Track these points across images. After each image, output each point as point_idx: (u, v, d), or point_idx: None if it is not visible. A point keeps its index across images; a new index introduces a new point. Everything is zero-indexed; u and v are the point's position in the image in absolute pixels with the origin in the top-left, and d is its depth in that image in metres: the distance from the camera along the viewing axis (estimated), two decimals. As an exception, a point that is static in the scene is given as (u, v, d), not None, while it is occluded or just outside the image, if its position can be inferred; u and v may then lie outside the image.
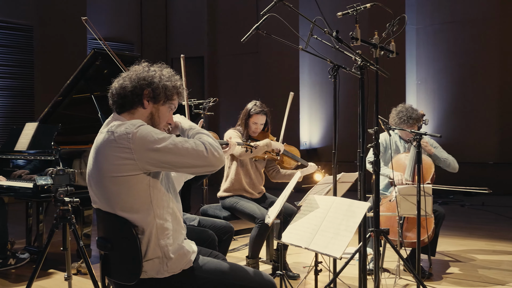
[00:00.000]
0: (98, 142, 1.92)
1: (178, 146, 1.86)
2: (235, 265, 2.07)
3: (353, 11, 2.85)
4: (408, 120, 4.07)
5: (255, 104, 3.90)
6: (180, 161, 1.87)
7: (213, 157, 1.91)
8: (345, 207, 2.49)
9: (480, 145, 8.96)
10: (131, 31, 10.61)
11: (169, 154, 1.85)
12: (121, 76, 2.04)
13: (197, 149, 1.89)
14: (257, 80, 10.53)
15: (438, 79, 9.41)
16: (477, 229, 5.81)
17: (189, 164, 1.89)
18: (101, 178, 1.88)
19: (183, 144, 1.88)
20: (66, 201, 2.92)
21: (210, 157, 1.90)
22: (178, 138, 1.90)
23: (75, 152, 4.20)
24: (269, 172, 4.05)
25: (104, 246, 1.93)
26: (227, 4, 10.98)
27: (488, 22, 8.87)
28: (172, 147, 1.85)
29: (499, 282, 3.75)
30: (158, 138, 1.85)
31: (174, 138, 1.89)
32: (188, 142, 1.90)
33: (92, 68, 4.52)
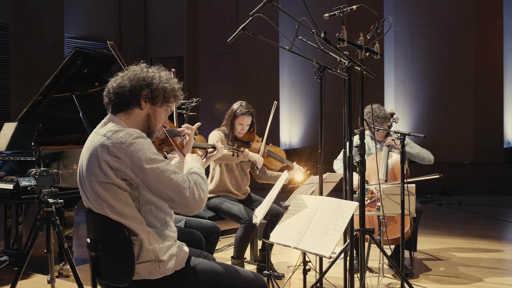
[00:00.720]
0: (93, 143, 1.89)
1: (164, 174, 1.81)
2: (226, 265, 2.07)
3: (340, 13, 2.87)
4: (375, 119, 4.14)
5: (240, 105, 3.88)
6: (160, 190, 1.82)
7: (192, 199, 1.84)
8: (333, 206, 2.51)
9: (456, 145, 9.15)
10: (109, 30, 10.48)
11: (152, 178, 1.80)
12: (118, 75, 2.02)
13: (181, 184, 1.83)
14: (237, 80, 10.53)
15: (415, 80, 9.57)
16: (455, 227, 5.93)
17: (167, 196, 1.83)
18: (91, 180, 1.86)
19: (170, 174, 1.83)
20: (50, 203, 2.87)
21: (190, 198, 1.83)
22: (169, 166, 1.85)
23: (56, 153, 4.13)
24: (255, 172, 4.06)
25: (95, 248, 1.90)
26: (206, 4, 10.95)
27: (464, 24, 9.06)
28: (158, 172, 1.81)
29: (479, 279, 3.83)
30: (149, 158, 1.82)
31: (165, 165, 1.84)
32: (177, 174, 1.85)
33: (73, 68, 4.45)
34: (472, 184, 8.85)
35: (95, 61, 4.64)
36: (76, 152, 4.15)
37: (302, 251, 2.50)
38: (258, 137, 3.98)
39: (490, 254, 4.62)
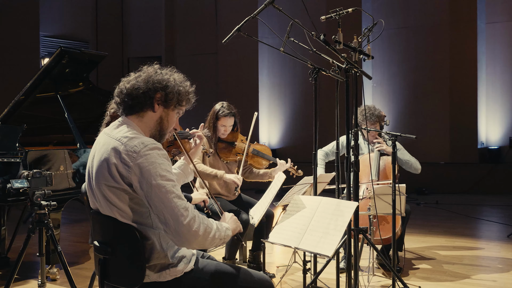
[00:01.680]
0: (105, 146, 1.86)
1: (168, 195, 1.76)
2: (234, 266, 2.08)
3: (336, 15, 2.91)
4: (371, 116, 4.21)
5: (222, 106, 3.83)
6: (159, 209, 1.76)
7: (187, 229, 1.75)
8: (333, 206, 2.54)
9: (432, 146, 9.35)
10: (86, 29, 10.32)
11: (156, 196, 1.75)
12: (131, 76, 1.98)
13: (180, 211, 1.76)
14: (216, 81, 10.51)
15: (392, 82, 9.74)
16: (435, 226, 6.06)
17: (163, 217, 1.76)
18: (101, 184, 1.84)
19: (174, 197, 1.77)
20: (43, 205, 2.82)
21: (185, 227, 1.75)
22: (176, 189, 1.79)
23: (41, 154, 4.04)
24: (243, 172, 4.05)
25: (104, 250, 1.88)
26: (185, 3, 10.89)
27: (439, 28, 9.28)
28: (163, 191, 1.75)
29: (464, 276, 3.93)
30: (159, 174, 1.77)
31: (173, 186, 1.79)
32: (181, 200, 1.79)
33: (58, 67, 4.37)
34: (448, 183, 9.06)
35: (80, 60, 4.57)
36: (60, 154, 4.07)
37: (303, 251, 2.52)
38: (243, 136, 3.95)
39: (471, 252, 4.74)
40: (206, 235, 1.80)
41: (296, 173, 3.93)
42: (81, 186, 3.96)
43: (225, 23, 10.13)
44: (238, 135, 3.94)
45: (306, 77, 3.08)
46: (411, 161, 4.32)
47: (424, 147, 9.40)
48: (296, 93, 9.97)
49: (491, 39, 9.28)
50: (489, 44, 9.29)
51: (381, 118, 4.35)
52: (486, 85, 9.37)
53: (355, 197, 3.04)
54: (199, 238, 1.78)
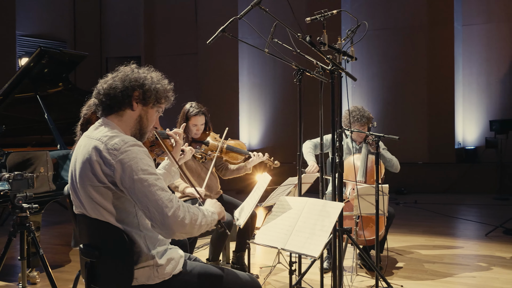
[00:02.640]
0: (86, 147, 1.84)
1: (151, 188, 1.76)
2: (221, 268, 2.07)
3: (321, 17, 2.93)
4: (361, 118, 4.25)
5: (191, 106, 3.81)
6: (143, 203, 1.76)
7: (173, 220, 1.75)
8: (318, 207, 2.55)
9: (411, 146, 9.48)
10: (64, 28, 10.16)
11: (139, 190, 1.75)
12: (108, 76, 1.97)
13: (165, 203, 1.76)
14: (196, 81, 10.47)
15: (372, 83, 9.85)
16: (415, 225, 6.14)
17: (148, 212, 1.76)
18: (86, 185, 1.81)
19: (157, 189, 1.77)
20: (24, 208, 2.76)
21: (170, 218, 1.75)
22: (158, 182, 1.79)
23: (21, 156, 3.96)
24: (219, 171, 4.04)
25: (91, 253, 1.85)
26: (164, 3, 10.81)
27: (417, 29, 9.43)
28: (146, 184, 1.75)
29: (444, 274, 4.00)
30: (141, 169, 1.77)
31: (155, 180, 1.79)
32: (164, 192, 1.79)
33: (38, 67, 4.30)
34: (426, 183, 9.21)
35: (59, 60, 4.50)
36: (41, 155, 4.00)
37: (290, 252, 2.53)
38: (215, 134, 3.93)
39: (451, 251, 4.82)
40: (193, 223, 1.81)
41: (273, 164, 3.93)
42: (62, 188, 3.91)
43: (205, 23, 10.10)
44: (211, 133, 3.92)
45: (287, 78, 3.10)
46: (393, 160, 4.38)
47: (403, 147, 9.50)
48: (276, 93, 10.00)
49: (467, 41, 9.46)
50: (466, 46, 9.47)
51: (370, 119, 4.39)
52: (462, 86, 9.55)
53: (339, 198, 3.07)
54: (187, 227, 1.79)
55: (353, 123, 4.26)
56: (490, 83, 9.31)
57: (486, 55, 9.31)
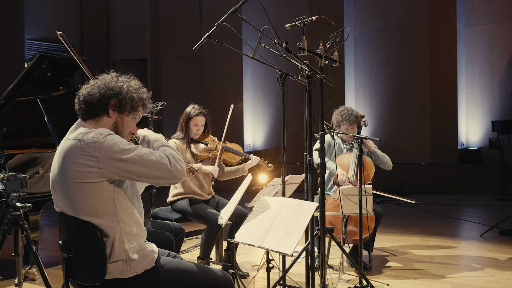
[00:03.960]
0: (64, 148, 1.97)
1: (143, 157, 1.95)
2: (195, 264, 2.19)
3: (300, 23, 3.03)
4: (349, 116, 4.33)
5: (193, 107, 4.01)
6: (144, 172, 1.95)
7: (176, 170, 2.00)
8: (295, 207, 2.66)
9: (414, 147, 9.53)
10: (71, 32, 10.37)
11: (134, 165, 1.93)
12: (89, 83, 2.10)
13: (161, 161, 1.97)
14: (200, 83, 10.61)
15: (374, 84, 9.90)
16: (411, 226, 6.21)
17: (153, 175, 1.97)
18: (66, 183, 1.93)
19: (148, 156, 1.96)
20: (18, 207, 2.90)
21: (173, 170, 1.99)
22: (144, 150, 1.98)
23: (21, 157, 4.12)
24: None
25: (68, 249, 1.98)
26: (169, 6, 10.98)
27: (419, 30, 9.46)
28: (137, 158, 1.93)
29: (433, 274, 4.07)
30: (124, 149, 1.93)
31: (140, 150, 1.97)
32: (153, 154, 1.99)
33: (38, 71, 4.45)
34: (429, 184, 9.23)
35: (59, 65, 4.65)
36: (42, 156, 4.16)
37: (266, 250, 2.64)
38: (213, 137, 4.09)
39: (443, 251, 4.88)
40: (181, 161, 2.06)
41: (267, 167, 4.06)
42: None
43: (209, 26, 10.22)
44: (209, 135, 4.07)
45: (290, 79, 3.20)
46: (385, 157, 4.46)
47: (405, 148, 9.58)
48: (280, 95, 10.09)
49: (470, 42, 9.47)
50: (469, 46, 9.48)
51: (359, 118, 4.46)
52: (466, 87, 9.56)
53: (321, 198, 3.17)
54: (183, 167, 2.05)
55: (341, 121, 4.34)
56: (493, 83, 9.31)
57: (488, 56, 9.31)
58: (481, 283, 3.83)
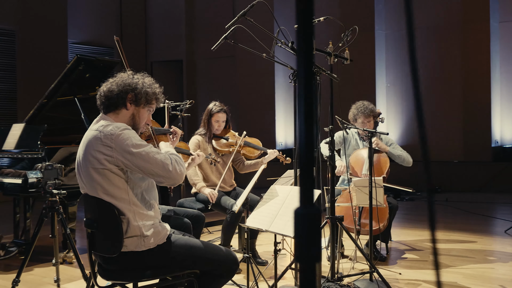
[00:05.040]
0: (87, 137, 2.27)
1: (149, 155, 2.22)
2: (202, 241, 2.45)
3: (309, 24, 3.23)
4: (365, 110, 4.47)
5: (215, 104, 4.27)
6: (148, 168, 2.22)
7: (175, 172, 2.26)
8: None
9: (446, 144, 9.48)
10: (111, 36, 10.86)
11: (140, 159, 2.19)
12: (108, 81, 2.40)
13: (164, 161, 2.24)
14: (234, 83, 10.91)
15: (406, 82, 9.91)
16: (436, 222, 6.26)
17: (154, 172, 2.23)
18: (88, 168, 2.24)
19: (154, 154, 2.24)
20: (54, 193, 3.25)
21: (173, 171, 2.25)
22: (153, 149, 2.26)
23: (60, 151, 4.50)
24: (236, 165, 4.42)
25: (91, 225, 2.28)
26: (204, 8, 11.34)
27: (452, 27, 9.42)
28: (144, 154, 2.20)
29: (446, 266, 4.18)
30: (136, 144, 2.21)
31: (149, 148, 2.24)
32: (159, 154, 2.26)
33: (75, 73, 4.83)
34: (461, 182, 9.17)
35: (95, 66, 5.02)
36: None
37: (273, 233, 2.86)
38: (234, 132, 4.33)
39: (462, 245, 4.96)
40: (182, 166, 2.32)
41: (285, 160, 4.27)
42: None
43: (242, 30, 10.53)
44: (230, 131, 4.32)
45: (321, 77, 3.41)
46: (403, 155, 4.58)
47: (438, 145, 9.55)
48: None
49: (505, 38, 9.34)
50: (503, 43, 9.36)
51: (375, 113, 4.59)
52: (500, 83, 9.44)
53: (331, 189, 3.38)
54: (183, 171, 2.32)
55: (357, 115, 4.49)
56: (529, 80, 9.17)
57: (523, 52, 9.17)
58: (492, 274, 3.92)
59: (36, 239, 3.33)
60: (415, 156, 4.64)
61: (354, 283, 3.52)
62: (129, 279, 2.29)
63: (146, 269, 2.27)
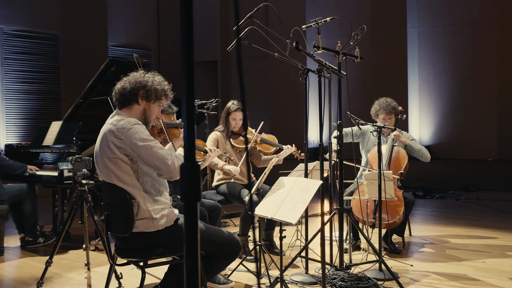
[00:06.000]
0: (104, 130, 2.56)
1: (153, 149, 2.47)
2: (209, 225, 2.68)
3: (315, 24, 3.42)
4: (387, 106, 4.59)
5: (232, 103, 4.51)
6: (150, 160, 2.47)
7: (173, 167, 2.47)
8: (303, 185, 3.07)
9: (480, 142, 9.36)
10: (149, 38, 11.33)
11: (144, 152, 2.45)
12: (122, 80, 2.67)
13: (165, 156, 2.47)
14: (267, 83, 11.13)
15: (439, 79, 9.85)
16: (461, 218, 6.27)
17: (155, 165, 2.47)
18: (103, 157, 2.51)
19: (157, 149, 2.48)
20: (83, 183, 3.56)
21: (171, 166, 2.46)
22: (157, 144, 2.51)
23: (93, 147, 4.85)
24: (254, 159, 4.64)
25: (107, 208, 2.56)
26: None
27: (486, 24, 9.28)
28: (149, 148, 2.46)
29: (460, 259, 4.24)
30: (143, 138, 2.47)
31: (155, 143, 2.50)
32: (163, 149, 2.51)
33: (108, 74, 5.17)
34: (495, 180, 9.03)
35: (126, 67, 5.35)
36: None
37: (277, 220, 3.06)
38: (251, 129, 4.54)
39: (482, 240, 4.98)
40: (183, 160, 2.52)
41: (300, 156, 4.45)
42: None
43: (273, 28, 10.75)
44: (248, 128, 4.53)
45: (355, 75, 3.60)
46: (422, 150, 4.67)
47: (472, 144, 9.44)
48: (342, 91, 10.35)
49: (542, 34, 9.14)
50: (541, 39, 9.15)
51: (397, 110, 4.69)
52: (537, 80, 9.24)
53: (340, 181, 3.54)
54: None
55: (379, 111, 4.61)
56: None
57: (561, 48, 8.94)
58: (505, 268, 3.96)
59: (67, 224, 3.66)
60: (449, 154, 4.71)
61: (364, 272, 3.67)
62: (140, 257, 2.55)
63: (154, 248, 2.53)
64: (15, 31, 9.12)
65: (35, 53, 9.37)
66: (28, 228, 4.83)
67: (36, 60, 9.38)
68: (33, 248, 4.84)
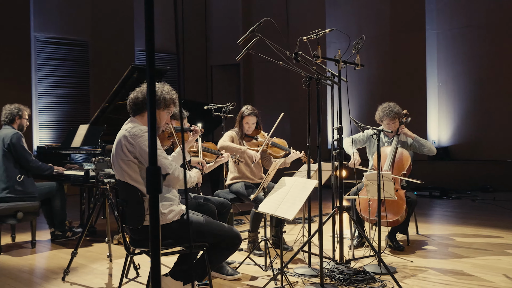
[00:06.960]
0: (119, 136, 2.89)
1: (158, 157, 2.76)
2: (210, 219, 3.00)
3: (315, 36, 3.68)
4: (390, 112, 4.80)
5: (246, 108, 4.79)
6: None
7: (173, 176, 2.79)
8: (302, 184, 3.35)
9: (499, 143, 9.39)
10: (173, 42, 11.74)
11: None
12: (135, 90, 3.00)
13: (167, 165, 2.77)
14: (287, 86, 11.39)
15: (458, 81, 9.92)
16: (472, 218, 6.39)
17: None
18: (118, 159, 2.85)
19: (162, 158, 2.79)
20: (105, 182, 3.93)
21: (170, 176, 2.78)
22: (163, 154, 2.82)
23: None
24: (264, 161, 4.93)
25: (122, 203, 2.90)
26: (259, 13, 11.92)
27: (504, 25, 9.32)
28: None
29: (460, 256, 4.43)
30: None
31: (161, 152, 2.81)
32: (167, 159, 2.82)
33: (131, 79, 5.55)
34: (513, 181, 9.06)
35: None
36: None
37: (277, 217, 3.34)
38: (264, 132, 4.83)
39: (486, 239, 5.13)
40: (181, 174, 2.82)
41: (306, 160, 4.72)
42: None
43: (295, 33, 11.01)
44: (260, 132, 4.83)
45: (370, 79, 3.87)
46: (427, 144, 4.87)
47: (491, 144, 9.48)
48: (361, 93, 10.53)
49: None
50: (560, 39, 9.13)
51: (401, 115, 4.90)
52: (557, 81, 9.22)
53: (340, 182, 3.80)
54: (180, 182, 2.83)
55: (383, 117, 4.83)
56: None
57: None
58: (501, 265, 4.13)
59: (90, 219, 4.03)
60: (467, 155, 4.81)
61: (363, 267, 3.91)
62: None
63: (163, 239, 2.85)
64: (48, 38, 9.66)
65: (66, 58, 9.90)
66: (57, 223, 5.25)
67: (67, 66, 9.91)
68: (62, 241, 5.26)
